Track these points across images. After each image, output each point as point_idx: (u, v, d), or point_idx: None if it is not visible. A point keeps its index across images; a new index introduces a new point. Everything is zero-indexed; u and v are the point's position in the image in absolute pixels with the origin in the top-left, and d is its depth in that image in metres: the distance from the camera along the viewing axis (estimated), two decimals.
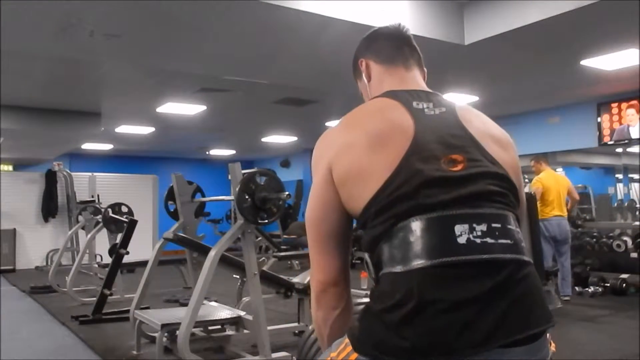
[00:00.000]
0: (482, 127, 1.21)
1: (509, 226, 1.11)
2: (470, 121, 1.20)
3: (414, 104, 1.20)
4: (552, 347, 1.13)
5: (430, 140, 1.13)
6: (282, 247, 8.60)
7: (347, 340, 1.12)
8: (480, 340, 1.00)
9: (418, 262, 1.05)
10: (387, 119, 1.17)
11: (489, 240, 1.07)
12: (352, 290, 1.24)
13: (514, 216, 1.14)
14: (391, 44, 1.36)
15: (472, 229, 1.06)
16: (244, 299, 4.43)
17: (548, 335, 1.11)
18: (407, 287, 1.04)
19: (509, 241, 1.09)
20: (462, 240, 1.05)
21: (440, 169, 1.10)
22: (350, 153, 1.13)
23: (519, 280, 1.07)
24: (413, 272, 1.05)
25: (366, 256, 1.17)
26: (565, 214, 5.98)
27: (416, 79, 1.33)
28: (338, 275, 1.18)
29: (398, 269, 1.07)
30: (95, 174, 10.95)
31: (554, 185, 5.86)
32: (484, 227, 1.07)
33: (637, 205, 8.88)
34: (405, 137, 1.12)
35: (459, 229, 1.06)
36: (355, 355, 1.08)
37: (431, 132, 1.14)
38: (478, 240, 1.06)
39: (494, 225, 1.08)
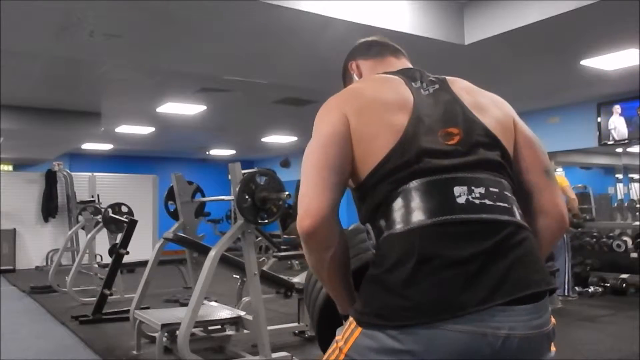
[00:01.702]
0: (470, 97, 1.24)
1: (506, 192, 1.14)
2: (460, 94, 1.24)
3: (412, 83, 1.24)
4: (553, 349, 1.13)
5: (427, 114, 1.17)
6: (282, 247, 8.59)
7: (351, 320, 1.11)
8: (483, 297, 1.00)
9: (418, 221, 1.07)
10: (395, 90, 1.21)
11: (487, 201, 1.09)
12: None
13: (510, 185, 1.17)
14: (377, 44, 1.43)
15: (470, 191, 1.09)
16: (244, 299, 4.42)
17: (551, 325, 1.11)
18: (407, 245, 1.05)
19: (506, 205, 1.11)
20: (461, 200, 1.08)
21: (437, 141, 1.13)
22: (368, 115, 1.17)
23: (519, 242, 1.08)
24: (413, 231, 1.06)
25: (368, 225, 1.17)
26: None
27: (406, 64, 1.38)
28: (332, 210, 1.11)
29: (398, 229, 1.08)
30: (95, 174, 10.95)
31: None
32: (482, 190, 1.10)
33: (638, 205, 8.88)
34: (407, 111, 1.17)
35: (457, 190, 1.09)
36: (359, 330, 1.07)
37: (428, 108, 1.18)
38: (477, 201, 1.08)
39: (491, 189, 1.11)
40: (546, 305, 1.09)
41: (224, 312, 4.03)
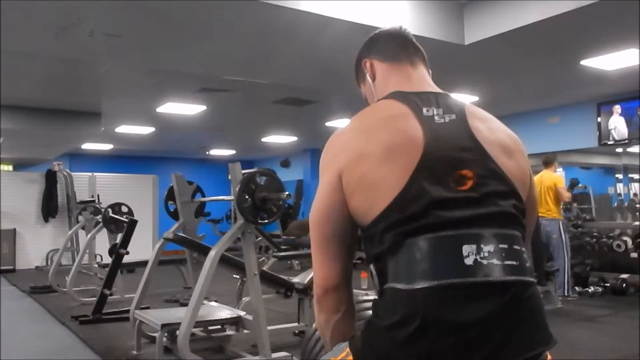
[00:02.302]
0: (491, 135, 1.18)
1: (515, 247, 1.11)
2: (479, 129, 1.17)
3: (424, 110, 1.17)
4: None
5: (439, 154, 1.11)
6: (282, 247, 8.59)
7: (347, 349, 1.12)
8: None
9: (424, 282, 1.05)
10: (399, 129, 1.14)
11: (495, 261, 1.07)
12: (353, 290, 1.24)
13: (521, 235, 1.14)
14: (395, 43, 1.35)
15: (479, 250, 1.06)
16: (244, 299, 4.42)
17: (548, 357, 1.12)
18: (411, 306, 1.04)
19: (514, 262, 1.09)
20: (469, 261, 1.05)
21: (448, 188, 1.08)
22: (363, 164, 1.12)
23: (522, 303, 1.08)
24: (418, 291, 1.04)
25: (371, 266, 1.16)
26: (548, 214, 5.96)
27: (424, 77, 1.31)
28: (340, 279, 1.17)
29: (403, 285, 1.06)
30: (95, 174, 10.95)
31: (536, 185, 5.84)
32: (491, 247, 1.07)
33: (638, 205, 8.88)
34: (415, 150, 1.11)
35: (466, 249, 1.05)
36: None
37: (441, 145, 1.12)
38: (485, 262, 1.06)
39: (501, 246, 1.08)
40: None
41: (224, 312, 4.03)
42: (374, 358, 1.07)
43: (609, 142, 7.20)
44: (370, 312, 1.17)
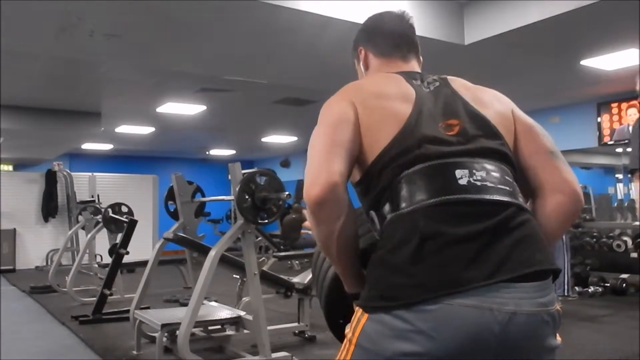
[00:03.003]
0: (470, 93, 1.27)
1: (507, 177, 1.15)
2: (460, 90, 1.27)
3: (413, 81, 1.27)
4: (558, 338, 1.14)
5: (428, 107, 1.20)
6: (282, 247, 8.59)
7: (357, 308, 1.11)
8: (487, 273, 1.01)
9: (421, 201, 1.08)
10: (397, 85, 1.25)
11: (488, 184, 1.10)
12: None
13: (512, 173, 1.18)
14: (391, 42, 1.40)
15: (472, 174, 1.11)
16: (244, 299, 4.42)
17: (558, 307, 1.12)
18: (410, 224, 1.06)
19: (508, 188, 1.13)
20: (462, 182, 1.09)
21: (438, 131, 1.16)
22: (376, 104, 1.19)
23: (520, 223, 1.09)
24: (416, 211, 1.07)
25: (371, 213, 1.17)
26: None
27: (412, 67, 1.39)
28: (341, 179, 1.09)
29: (401, 210, 1.09)
30: (95, 174, 10.95)
31: None
32: (483, 173, 1.11)
33: (637, 205, 8.90)
34: (410, 102, 1.20)
35: (459, 172, 1.10)
36: (365, 317, 1.07)
37: (429, 102, 1.21)
38: (478, 183, 1.10)
39: (493, 173, 1.13)
40: (550, 286, 1.10)
41: (224, 312, 4.03)
42: (378, 295, 1.06)
43: (609, 142, 7.20)
44: None
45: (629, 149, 2.69)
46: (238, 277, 4.58)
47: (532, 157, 1.24)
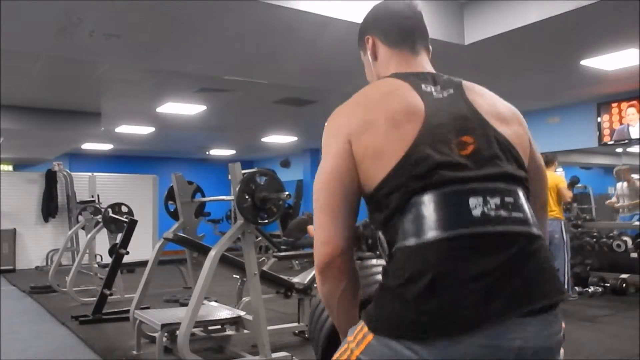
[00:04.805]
0: (488, 105, 1.21)
1: (521, 201, 1.12)
2: (476, 100, 1.20)
3: (422, 86, 1.20)
4: (562, 350, 1.14)
5: (439, 123, 1.13)
6: (282, 247, 8.59)
7: (362, 323, 1.11)
8: (496, 311, 1.01)
9: (433, 234, 1.05)
10: (401, 100, 1.17)
11: (502, 213, 1.08)
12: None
13: (525, 193, 1.15)
14: (400, 29, 1.33)
15: (485, 202, 1.07)
16: (244, 299, 4.43)
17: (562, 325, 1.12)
18: (422, 259, 1.04)
19: (521, 215, 1.10)
20: (476, 212, 1.06)
21: (450, 152, 1.10)
22: (371, 132, 1.13)
23: (532, 253, 1.08)
24: (428, 245, 1.05)
25: (379, 233, 1.15)
26: (550, 214, 5.94)
27: (422, 63, 1.32)
28: (345, 244, 1.13)
29: (412, 242, 1.06)
30: (95, 174, 10.95)
31: None
32: (497, 200, 1.08)
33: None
34: (417, 118, 1.13)
35: (473, 201, 1.07)
36: (371, 336, 1.07)
37: (440, 115, 1.14)
38: (492, 213, 1.07)
39: (506, 199, 1.10)
40: (557, 314, 1.10)
41: (224, 312, 4.03)
42: (388, 323, 1.05)
43: (609, 142, 7.21)
44: (380, 277, 1.16)
45: (629, 149, 2.69)
46: (238, 277, 4.58)
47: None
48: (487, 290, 1.01)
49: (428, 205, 1.07)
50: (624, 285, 6.18)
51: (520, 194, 1.13)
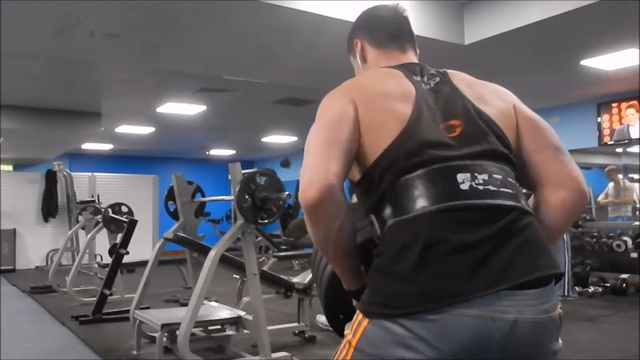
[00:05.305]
0: (472, 89, 1.25)
1: (509, 179, 1.14)
2: (460, 86, 1.24)
3: (413, 76, 1.25)
4: (560, 341, 1.13)
5: (428, 107, 1.17)
6: (282, 247, 8.58)
7: (357, 311, 1.11)
8: (490, 282, 1.00)
9: (422, 207, 1.06)
10: (396, 83, 1.22)
11: (491, 187, 1.09)
12: None
13: (514, 174, 1.17)
14: (388, 32, 1.37)
15: (474, 177, 1.09)
16: (244, 299, 4.42)
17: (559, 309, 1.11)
18: (412, 232, 1.05)
19: (510, 190, 1.11)
20: (464, 186, 1.08)
21: (439, 134, 1.13)
22: (376, 103, 1.16)
23: (523, 227, 1.08)
24: (418, 218, 1.06)
25: (371, 216, 1.15)
26: None
27: (411, 59, 1.36)
28: (339, 179, 1.07)
29: (402, 216, 1.08)
30: (95, 174, 10.94)
31: None
32: (485, 176, 1.10)
33: (638, 205, 8.87)
34: (410, 101, 1.17)
35: (461, 177, 1.09)
36: (366, 321, 1.07)
37: (429, 100, 1.19)
38: (480, 187, 1.08)
39: (495, 175, 1.11)
40: (553, 290, 1.09)
41: (224, 312, 4.03)
42: (379, 302, 1.05)
43: (609, 142, 7.21)
44: None
45: (629, 149, 2.69)
46: (238, 277, 4.58)
47: (537, 153, 1.22)
48: (477, 260, 1.01)
49: (418, 182, 1.09)
50: (624, 285, 6.18)
51: (508, 171, 1.15)
